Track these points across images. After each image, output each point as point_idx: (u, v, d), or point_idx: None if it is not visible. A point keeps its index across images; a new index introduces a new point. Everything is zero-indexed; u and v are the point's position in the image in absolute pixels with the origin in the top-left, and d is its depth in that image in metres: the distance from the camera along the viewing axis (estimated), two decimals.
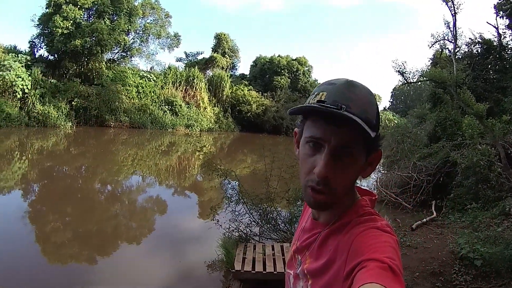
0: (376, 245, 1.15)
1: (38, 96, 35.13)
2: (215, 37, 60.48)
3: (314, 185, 1.27)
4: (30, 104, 34.42)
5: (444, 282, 6.71)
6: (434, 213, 12.05)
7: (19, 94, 33.90)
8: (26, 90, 34.37)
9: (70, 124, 36.08)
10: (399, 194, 14.34)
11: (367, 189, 1.56)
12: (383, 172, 18.82)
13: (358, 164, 1.30)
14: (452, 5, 20.85)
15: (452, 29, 21.38)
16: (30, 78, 35.09)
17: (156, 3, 49.38)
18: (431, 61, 26.74)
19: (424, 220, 11.11)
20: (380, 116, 1.42)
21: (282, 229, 9.43)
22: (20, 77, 34.31)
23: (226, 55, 59.64)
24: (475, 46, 21.19)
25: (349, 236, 1.24)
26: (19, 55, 36.90)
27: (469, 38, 21.32)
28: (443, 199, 13.22)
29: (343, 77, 1.32)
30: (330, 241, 1.34)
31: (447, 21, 21.48)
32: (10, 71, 33.84)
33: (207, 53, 60.52)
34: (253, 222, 9.45)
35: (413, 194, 14.16)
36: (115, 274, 8.46)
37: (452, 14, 21.09)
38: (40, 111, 34.40)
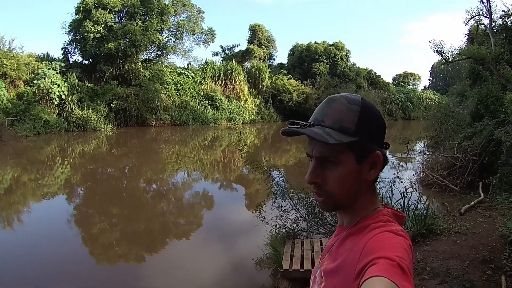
0: (388, 246, 1.17)
1: (76, 101, 35.17)
2: (249, 28, 60.18)
3: (313, 189, 1.40)
4: (68, 109, 34.43)
5: (495, 270, 6.26)
6: (482, 195, 11.46)
7: (56, 100, 33.89)
8: (63, 96, 34.35)
9: (111, 126, 36.13)
10: (446, 176, 14.08)
11: (399, 210, 1.56)
12: (428, 153, 18.78)
13: (346, 168, 1.34)
14: None
15: (486, 3, 20.94)
16: (66, 84, 35.10)
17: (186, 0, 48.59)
18: (467, 37, 26.40)
19: (472, 203, 10.46)
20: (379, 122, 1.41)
21: (329, 222, 9.06)
22: (56, 84, 34.31)
23: (262, 46, 59.21)
24: (510, 18, 20.22)
25: (364, 238, 1.27)
26: (52, 62, 37.27)
27: (503, 11, 20.68)
28: (490, 179, 12.49)
29: (332, 95, 1.41)
30: (347, 243, 1.38)
31: None
32: (44, 79, 33.92)
33: (243, 46, 60.41)
34: (299, 218, 9.07)
35: (459, 175, 13.78)
36: (164, 270, 8.36)
37: None
38: (79, 116, 34.45)
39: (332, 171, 1.33)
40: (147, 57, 46.55)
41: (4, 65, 32.97)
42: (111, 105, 37.29)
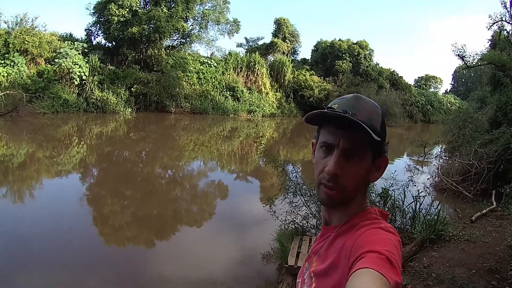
0: (376, 241, 1.20)
1: (96, 82, 35.20)
2: (275, 22, 59.61)
3: (326, 182, 1.37)
4: (88, 90, 34.52)
5: (500, 280, 6.18)
6: (494, 203, 11.31)
7: (76, 80, 34.02)
8: (84, 77, 34.44)
9: (130, 110, 35.99)
10: (460, 182, 13.88)
11: (385, 210, 1.51)
12: (444, 158, 18.55)
13: (364, 165, 1.38)
14: None
15: (509, 9, 20.38)
16: (87, 65, 35.14)
17: None
18: (490, 43, 26.33)
19: (484, 211, 10.37)
20: (386, 126, 1.47)
21: None
22: (77, 64, 34.40)
23: (286, 40, 58.64)
24: None
25: (354, 236, 1.29)
26: (75, 42, 37.39)
27: None
28: (504, 188, 12.24)
29: (352, 94, 1.45)
30: (337, 242, 1.39)
31: (503, 1, 20.44)
32: (66, 58, 34.05)
33: (268, 39, 59.96)
34: (310, 215, 8.92)
35: (474, 182, 13.60)
36: (172, 256, 8.49)
37: None
38: (99, 97, 34.51)
39: (353, 166, 1.36)
40: (171, 44, 46.30)
41: (26, 42, 33.11)
42: (132, 89, 37.32)
